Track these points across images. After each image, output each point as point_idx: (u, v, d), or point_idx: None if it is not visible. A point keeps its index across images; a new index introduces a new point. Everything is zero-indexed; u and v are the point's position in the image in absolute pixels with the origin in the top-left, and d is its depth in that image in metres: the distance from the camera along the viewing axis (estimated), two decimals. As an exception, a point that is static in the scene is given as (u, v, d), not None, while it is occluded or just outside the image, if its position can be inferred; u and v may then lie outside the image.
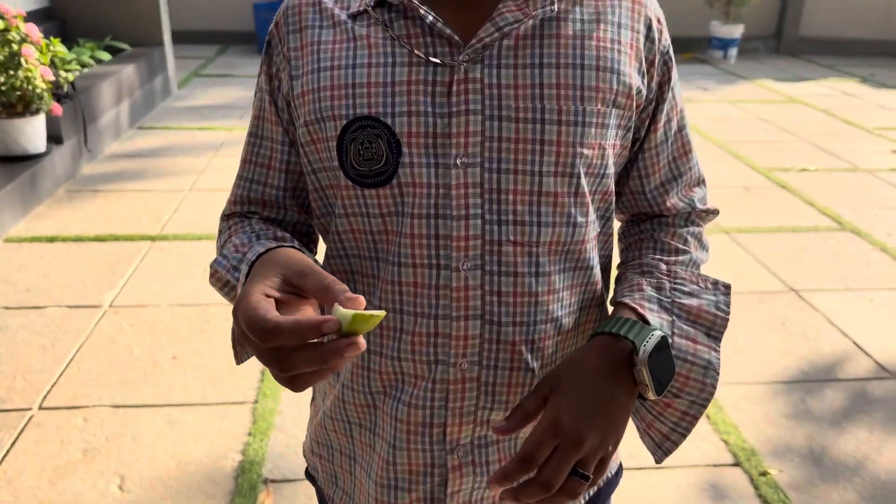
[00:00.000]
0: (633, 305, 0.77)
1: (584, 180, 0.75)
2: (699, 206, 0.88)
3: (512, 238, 0.74)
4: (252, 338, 0.58)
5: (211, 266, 0.79)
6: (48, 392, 2.28)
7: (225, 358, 2.48)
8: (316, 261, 0.70)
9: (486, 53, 0.72)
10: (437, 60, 0.71)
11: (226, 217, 0.87)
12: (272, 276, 0.63)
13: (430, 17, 0.71)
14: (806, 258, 3.33)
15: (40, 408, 2.21)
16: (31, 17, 5.20)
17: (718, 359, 0.77)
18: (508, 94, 0.72)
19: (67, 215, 3.55)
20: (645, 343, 0.70)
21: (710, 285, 0.81)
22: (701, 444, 2.15)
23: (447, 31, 0.71)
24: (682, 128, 0.85)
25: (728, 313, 0.79)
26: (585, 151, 0.74)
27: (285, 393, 2.32)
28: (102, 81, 4.58)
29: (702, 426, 2.22)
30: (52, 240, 3.28)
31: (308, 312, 0.62)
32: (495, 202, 0.73)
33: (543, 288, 0.76)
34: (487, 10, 0.73)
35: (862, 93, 6.89)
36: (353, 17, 0.75)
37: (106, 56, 5.22)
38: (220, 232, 0.86)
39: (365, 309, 0.58)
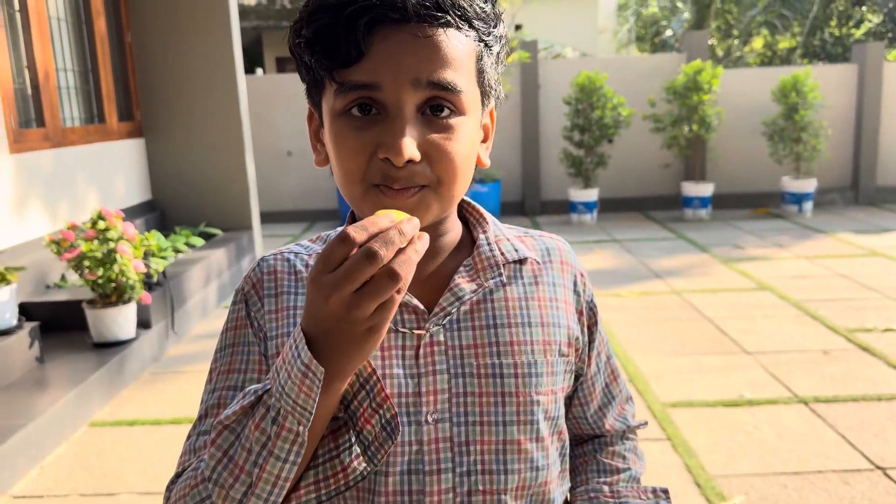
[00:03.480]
0: None
1: (542, 425, 0.82)
2: (632, 423, 1.01)
3: (481, 487, 0.79)
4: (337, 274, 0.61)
5: (214, 427, 0.72)
6: (110, 585, 2.32)
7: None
8: None
9: (446, 319, 0.81)
10: (406, 330, 0.80)
11: (180, 475, 0.80)
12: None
13: None
14: (893, 431, 3.12)
15: None
16: (135, 209, 5.77)
17: None
18: (469, 353, 0.80)
19: (149, 398, 3.75)
20: None
21: (650, 495, 0.93)
22: None
23: (413, 301, 0.80)
24: (609, 357, 0.99)
25: None
26: (541, 398, 0.82)
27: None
28: (192, 267, 4.96)
29: None
30: (132, 424, 3.46)
31: None
32: (465, 454, 0.79)
33: None
34: (443, 279, 0.83)
35: (950, 242, 6.65)
36: None
37: (199, 241, 5.67)
38: (174, 485, 0.78)
39: None
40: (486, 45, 0.77)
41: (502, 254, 0.85)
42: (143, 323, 4.19)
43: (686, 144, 8.14)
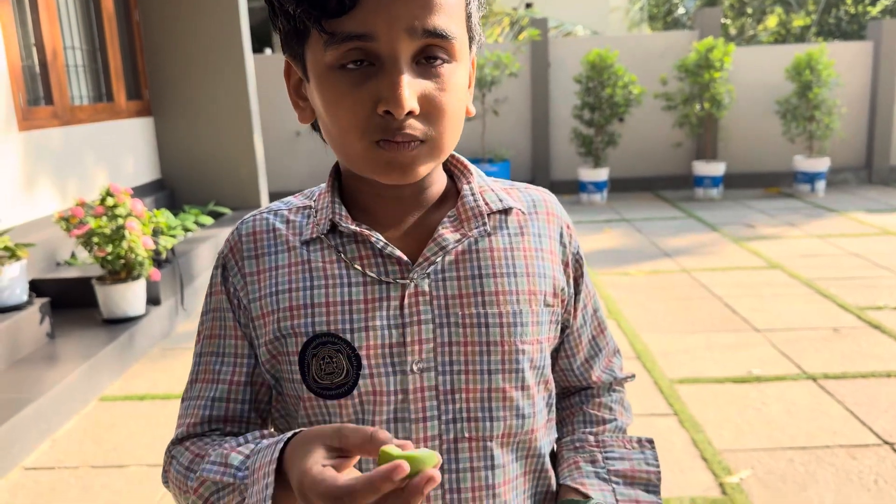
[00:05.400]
0: (575, 486, 0.86)
1: (528, 374, 0.82)
2: (619, 375, 1.00)
3: (467, 434, 0.80)
4: None
5: (195, 477, 0.78)
6: (119, 554, 2.35)
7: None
8: None
9: (430, 268, 0.80)
10: (390, 280, 0.80)
11: (179, 441, 0.85)
12: (315, 449, 0.65)
13: (381, 243, 0.80)
14: (902, 407, 3.11)
15: (110, 571, 2.28)
16: (144, 188, 5.79)
17: None
18: (454, 303, 0.80)
19: (159, 373, 3.77)
20: None
21: (635, 444, 0.92)
22: None
23: (396, 252, 0.80)
24: (596, 310, 0.97)
25: (658, 465, 0.90)
26: (526, 348, 0.82)
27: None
28: (201, 245, 4.98)
29: None
30: (142, 398, 3.48)
31: (352, 470, 0.67)
32: (450, 402, 0.79)
33: (499, 479, 0.82)
34: (428, 231, 0.83)
35: (965, 221, 6.57)
36: (306, 243, 0.83)
37: (208, 220, 5.68)
38: (173, 457, 0.84)
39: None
40: None
41: (486, 204, 0.85)
42: (153, 299, 4.21)
43: (697, 123, 8.07)
